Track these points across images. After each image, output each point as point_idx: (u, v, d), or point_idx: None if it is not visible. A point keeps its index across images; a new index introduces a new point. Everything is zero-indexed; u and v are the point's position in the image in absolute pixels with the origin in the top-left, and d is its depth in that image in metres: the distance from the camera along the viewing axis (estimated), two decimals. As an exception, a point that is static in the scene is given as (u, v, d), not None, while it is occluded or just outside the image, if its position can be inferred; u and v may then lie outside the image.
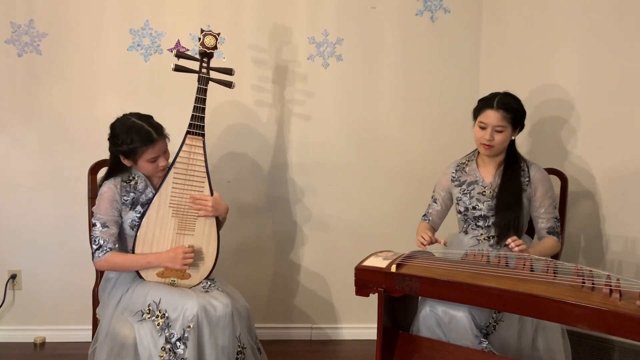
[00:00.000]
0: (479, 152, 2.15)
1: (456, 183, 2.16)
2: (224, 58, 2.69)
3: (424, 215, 2.26)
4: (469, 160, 2.18)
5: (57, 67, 2.64)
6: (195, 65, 2.12)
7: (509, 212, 2.01)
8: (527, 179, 2.05)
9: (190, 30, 2.67)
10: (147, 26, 2.66)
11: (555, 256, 2.20)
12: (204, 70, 2.10)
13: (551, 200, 2.06)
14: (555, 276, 1.66)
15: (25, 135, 2.67)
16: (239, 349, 1.90)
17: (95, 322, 2.11)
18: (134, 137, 1.91)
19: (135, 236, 1.97)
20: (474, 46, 2.81)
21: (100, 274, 2.16)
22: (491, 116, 2.01)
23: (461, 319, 1.82)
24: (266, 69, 2.72)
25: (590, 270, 1.66)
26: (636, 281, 1.54)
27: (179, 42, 2.68)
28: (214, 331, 1.85)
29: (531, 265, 1.76)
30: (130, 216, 2.00)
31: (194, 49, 2.68)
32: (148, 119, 1.98)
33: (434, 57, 2.79)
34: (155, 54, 2.68)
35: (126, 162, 1.98)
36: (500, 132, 2.01)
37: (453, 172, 2.19)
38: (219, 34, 2.15)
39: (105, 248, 1.94)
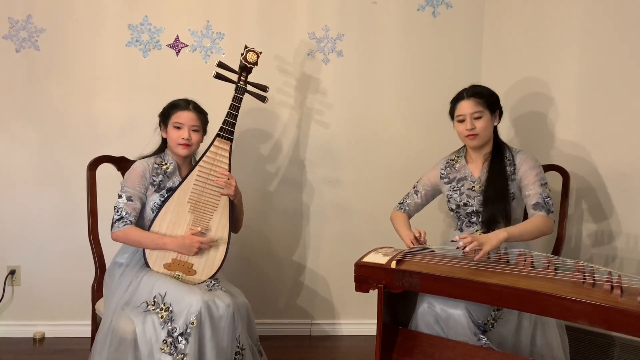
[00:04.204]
0: (467, 149, 2.15)
1: (445, 180, 2.15)
2: (224, 54, 2.68)
3: (400, 203, 2.24)
4: (458, 157, 2.16)
5: (56, 63, 2.64)
6: (231, 75, 2.23)
7: (495, 204, 1.99)
8: (513, 168, 2.03)
9: (190, 26, 2.66)
10: (145, 21, 2.65)
11: (557, 253, 2.20)
12: (242, 82, 2.20)
13: (535, 177, 1.98)
14: (556, 272, 1.66)
15: (23, 131, 2.67)
16: (237, 350, 1.90)
17: (95, 317, 2.11)
18: (170, 103, 2.13)
19: (152, 221, 2.01)
20: (476, 42, 2.80)
21: (100, 268, 2.16)
22: (465, 106, 2.04)
23: (458, 316, 1.81)
24: (266, 64, 2.71)
25: (592, 267, 1.66)
26: (637, 277, 1.54)
27: (178, 38, 2.67)
28: (215, 330, 1.85)
29: (532, 262, 1.75)
30: (154, 198, 2.04)
31: (192, 44, 2.67)
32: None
33: (436, 53, 2.78)
34: (154, 50, 2.67)
35: (163, 134, 2.13)
36: (479, 117, 2.02)
37: (442, 169, 2.17)
38: (261, 53, 2.22)
39: (126, 220, 1.99)
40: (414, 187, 2.24)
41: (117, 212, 2.00)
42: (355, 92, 2.78)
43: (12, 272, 2.71)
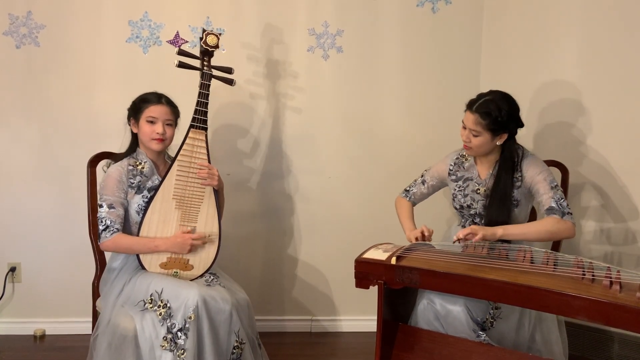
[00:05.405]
0: None
1: (453, 178, 2.13)
2: (224, 50, 2.67)
3: (407, 191, 2.23)
4: (468, 155, 2.14)
5: (56, 59, 2.63)
6: (197, 62, 2.17)
7: (497, 210, 1.97)
8: (520, 174, 1.99)
9: (190, 22, 2.66)
10: (146, 17, 2.64)
11: (556, 248, 2.21)
12: (206, 68, 2.15)
13: (544, 181, 1.93)
14: (555, 268, 1.66)
15: (24, 128, 2.66)
16: (236, 344, 1.91)
17: (96, 315, 2.12)
18: (141, 97, 2.08)
19: (140, 225, 1.99)
20: (476, 37, 2.80)
21: (100, 266, 2.16)
22: (468, 118, 1.97)
23: (457, 313, 1.82)
24: (266, 61, 2.71)
25: (591, 262, 1.66)
26: (636, 273, 1.54)
27: (178, 34, 2.66)
28: (213, 324, 1.86)
29: (531, 257, 1.76)
30: (136, 200, 2.02)
31: (193, 41, 2.67)
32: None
33: (435, 49, 2.78)
34: (154, 46, 2.66)
35: (134, 128, 2.07)
36: (476, 136, 1.96)
37: (451, 165, 2.14)
38: (220, 34, 2.18)
39: (112, 229, 1.96)
40: (421, 176, 2.22)
41: (101, 222, 1.96)
42: (355, 88, 2.77)
43: (13, 269, 2.71)
